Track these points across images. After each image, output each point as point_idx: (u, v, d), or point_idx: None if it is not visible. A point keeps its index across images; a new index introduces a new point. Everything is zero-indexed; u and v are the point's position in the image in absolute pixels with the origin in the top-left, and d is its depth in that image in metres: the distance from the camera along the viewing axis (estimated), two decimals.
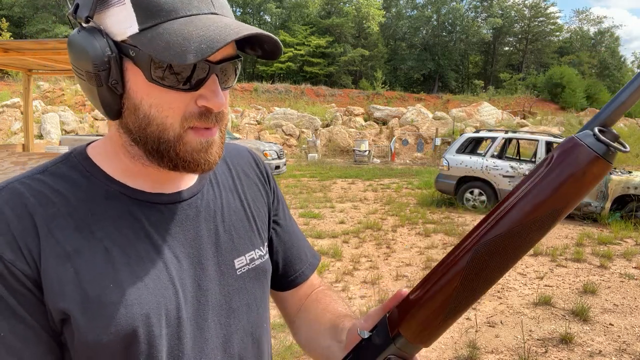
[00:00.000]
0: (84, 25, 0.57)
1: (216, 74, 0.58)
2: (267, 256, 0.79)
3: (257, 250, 0.76)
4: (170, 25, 0.55)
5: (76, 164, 0.64)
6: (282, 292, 0.88)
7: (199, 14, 0.56)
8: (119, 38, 0.56)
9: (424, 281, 0.57)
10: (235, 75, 0.64)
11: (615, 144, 0.44)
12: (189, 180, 0.71)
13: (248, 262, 0.74)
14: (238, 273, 0.72)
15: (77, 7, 0.57)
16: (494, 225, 0.48)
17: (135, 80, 0.57)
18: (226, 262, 0.71)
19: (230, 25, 0.55)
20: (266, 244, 0.80)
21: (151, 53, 0.54)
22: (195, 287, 0.66)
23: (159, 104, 0.58)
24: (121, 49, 0.56)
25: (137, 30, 0.55)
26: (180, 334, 0.63)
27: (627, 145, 0.43)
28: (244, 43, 0.63)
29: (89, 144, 0.68)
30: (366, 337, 0.61)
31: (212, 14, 0.57)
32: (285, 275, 0.86)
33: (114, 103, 0.59)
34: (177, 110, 0.58)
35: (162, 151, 0.60)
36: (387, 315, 0.61)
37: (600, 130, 0.44)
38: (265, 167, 0.88)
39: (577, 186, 0.44)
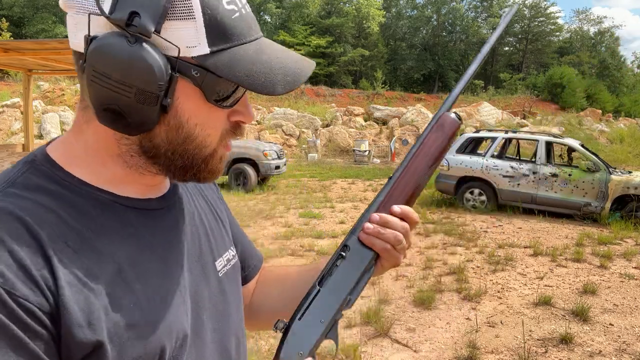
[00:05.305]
0: (143, 37, 0.49)
1: None
2: (237, 255, 0.81)
3: (230, 251, 0.78)
4: (243, 50, 0.54)
5: (47, 173, 0.56)
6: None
7: (258, 38, 0.58)
8: (176, 54, 0.51)
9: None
10: None
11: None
12: (167, 184, 0.68)
13: (226, 262, 0.75)
14: (220, 275, 0.72)
15: (133, 14, 0.49)
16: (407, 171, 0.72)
17: (186, 99, 0.54)
18: (208, 264, 0.70)
19: (298, 59, 0.59)
20: (233, 243, 0.82)
21: (232, 79, 0.53)
22: (192, 293, 0.65)
23: (204, 122, 0.57)
24: (180, 67, 0.52)
25: (208, 51, 0.52)
26: (184, 343, 0.62)
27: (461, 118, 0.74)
28: None
29: (44, 148, 0.60)
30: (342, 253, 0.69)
31: (263, 37, 0.60)
32: (243, 270, 0.87)
33: (149, 121, 0.53)
34: (217, 128, 0.59)
35: (194, 165, 0.59)
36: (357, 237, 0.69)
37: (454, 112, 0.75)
38: None
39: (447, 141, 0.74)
